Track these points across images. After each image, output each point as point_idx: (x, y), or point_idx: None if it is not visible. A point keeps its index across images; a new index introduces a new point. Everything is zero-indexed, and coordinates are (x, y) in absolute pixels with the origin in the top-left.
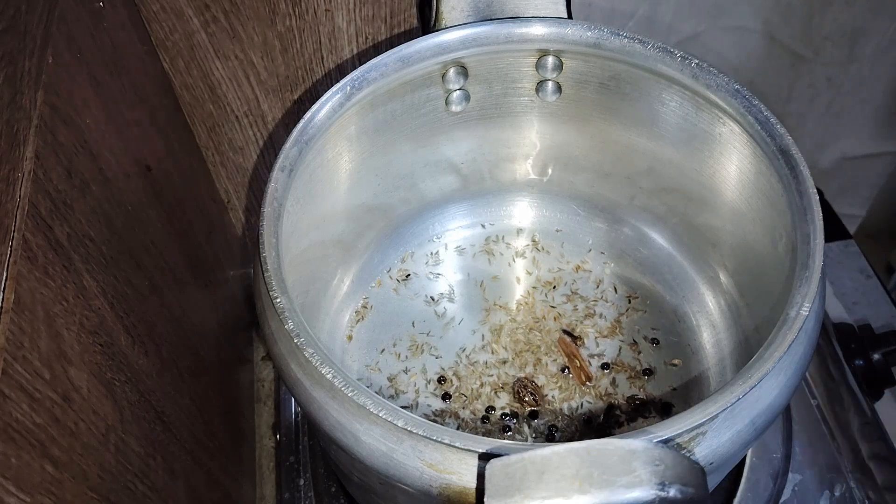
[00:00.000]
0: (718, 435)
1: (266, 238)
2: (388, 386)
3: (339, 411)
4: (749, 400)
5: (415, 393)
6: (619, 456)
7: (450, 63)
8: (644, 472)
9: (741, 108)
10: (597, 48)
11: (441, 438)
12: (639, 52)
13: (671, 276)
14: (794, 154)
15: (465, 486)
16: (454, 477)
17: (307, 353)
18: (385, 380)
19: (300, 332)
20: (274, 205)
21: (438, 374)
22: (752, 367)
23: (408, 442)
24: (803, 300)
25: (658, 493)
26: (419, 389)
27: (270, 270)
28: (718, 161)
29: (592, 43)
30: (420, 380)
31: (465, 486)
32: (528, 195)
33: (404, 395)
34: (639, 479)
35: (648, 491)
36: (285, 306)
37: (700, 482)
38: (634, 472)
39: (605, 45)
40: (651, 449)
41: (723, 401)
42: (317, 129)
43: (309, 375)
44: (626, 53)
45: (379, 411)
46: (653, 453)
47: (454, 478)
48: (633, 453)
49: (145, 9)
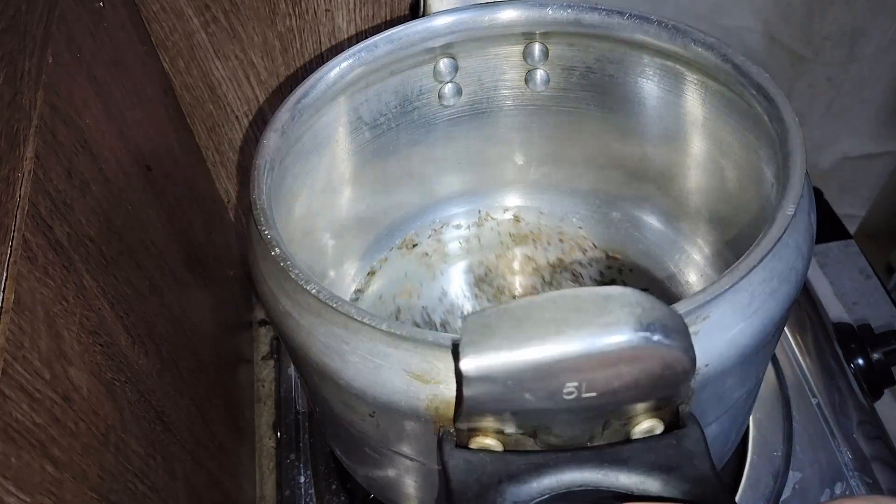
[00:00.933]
0: (711, 335)
1: (257, 184)
2: None
3: (326, 334)
4: (741, 297)
5: None
6: (595, 301)
7: (439, 52)
8: (622, 314)
9: (717, 60)
10: (577, 25)
11: (424, 338)
12: (617, 24)
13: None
14: (771, 89)
15: (452, 396)
16: (442, 386)
17: (293, 273)
18: None
19: (286, 255)
20: (265, 157)
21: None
22: (740, 264)
23: (394, 355)
24: (788, 202)
25: (638, 334)
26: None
27: (260, 207)
28: (705, 127)
29: (573, 20)
30: None
31: (453, 396)
32: (523, 185)
33: None
34: (616, 319)
35: (627, 333)
36: (274, 237)
37: (682, 329)
38: (612, 312)
39: (585, 21)
40: (628, 294)
41: (712, 290)
42: (310, 101)
43: (296, 302)
44: (606, 27)
45: (363, 318)
46: (630, 297)
47: (442, 387)
48: (609, 297)
49: (145, 9)
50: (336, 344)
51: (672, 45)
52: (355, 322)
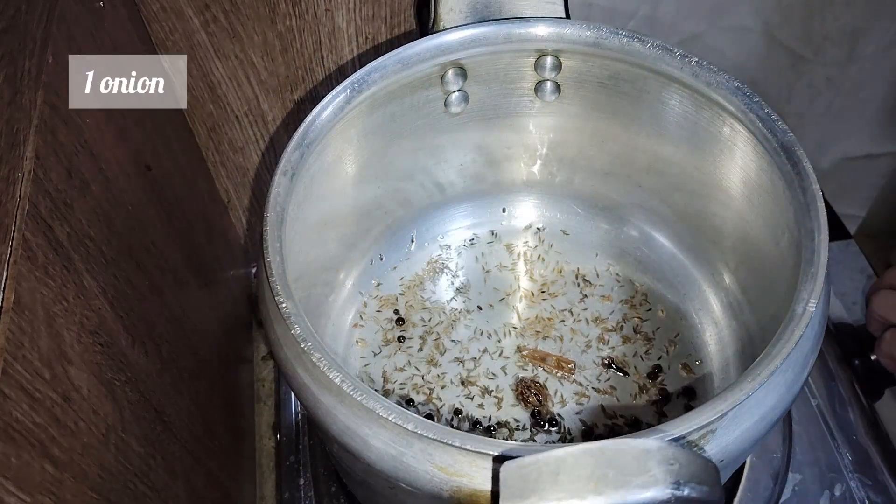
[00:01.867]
0: (728, 432)
1: (270, 242)
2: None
3: (347, 416)
4: (758, 397)
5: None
6: (634, 456)
7: (449, 64)
8: (659, 472)
9: (742, 105)
10: (596, 47)
11: (452, 442)
12: (638, 51)
13: (673, 274)
14: (797, 151)
15: (476, 488)
16: (465, 480)
17: (314, 357)
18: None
19: (307, 336)
20: (277, 209)
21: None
22: (760, 364)
23: (418, 445)
24: (809, 296)
25: (673, 493)
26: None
27: (275, 275)
28: (719, 159)
29: (592, 42)
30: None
31: (477, 488)
32: (528, 196)
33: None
34: (654, 478)
35: (664, 490)
36: (291, 311)
37: (714, 480)
38: (650, 471)
39: (605, 45)
40: (665, 448)
41: (733, 398)
42: (318, 133)
43: (316, 380)
44: (626, 53)
45: (388, 415)
46: (667, 452)
47: (465, 480)
48: (647, 452)
49: (145, 8)
50: (358, 428)
51: (694, 81)
52: (381, 418)
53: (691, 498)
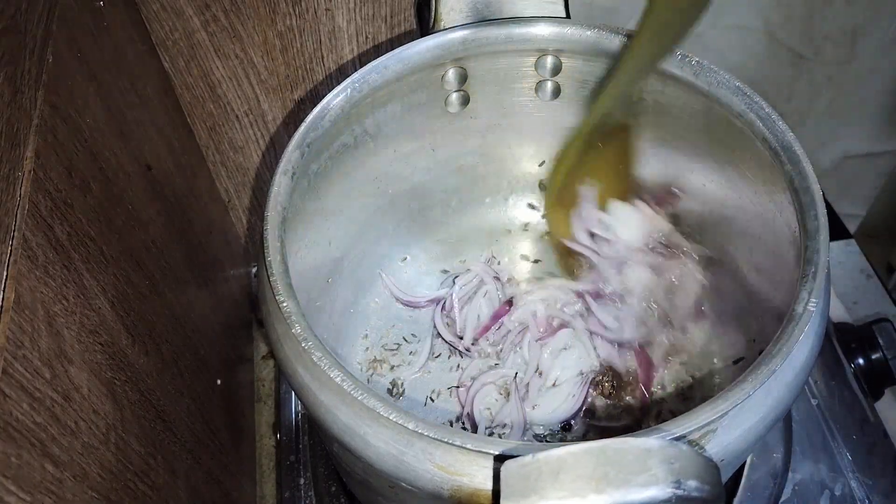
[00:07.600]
0: (729, 432)
1: (270, 242)
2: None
3: (347, 415)
4: (758, 396)
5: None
6: (635, 455)
7: (449, 64)
8: (660, 471)
9: (742, 105)
10: (596, 47)
11: (453, 441)
12: None
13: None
14: (797, 150)
15: (476, 487)
16: (465, 479)
17: (315, 356)
18: (388, 382)
19: (307, 336)
20: (277, 208)
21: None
22: (760, 364)
23: (418, 445)
24: (809, 296)
25: (674, 491)
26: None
27: (276, 275)
28: (718, 159)
29: (592, 42)
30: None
31: (477, 487)
32: (530, 196)
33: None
34: (655, 477)
35: (665, 489)
36: (292, 310)
37: (715, 479)
38: (650, 470)
39: (605, 45)
40: (666, 447)
41: (734, 397)
42: (318, 132)
43: (317, 379)
44: None
45: (389, 414)
46: (668, 451)
47: (465, 479)
48: (648, 452)
49: (145, 8)
50: (358, 427)
51: (695, 81)
52: (382, 417)
53: (692, 497)
